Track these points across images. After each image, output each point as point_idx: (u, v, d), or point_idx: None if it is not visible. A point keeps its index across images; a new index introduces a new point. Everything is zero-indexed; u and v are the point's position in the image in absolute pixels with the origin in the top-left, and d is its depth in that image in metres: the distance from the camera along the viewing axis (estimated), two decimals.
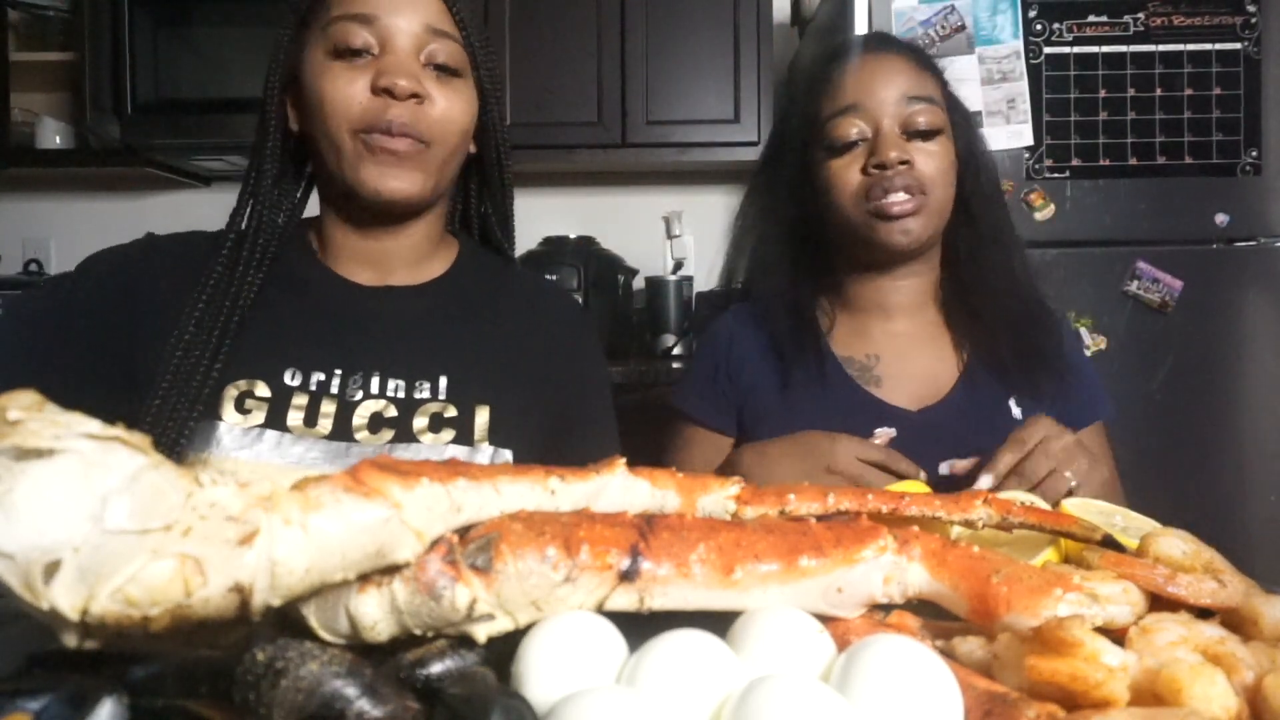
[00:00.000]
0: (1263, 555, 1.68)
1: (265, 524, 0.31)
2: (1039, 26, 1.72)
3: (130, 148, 2.23)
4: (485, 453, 0.84)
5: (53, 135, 2.39)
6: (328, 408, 0.82)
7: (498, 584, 0.35)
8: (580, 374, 0.97)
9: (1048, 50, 1.72)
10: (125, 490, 0.29)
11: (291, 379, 0.82)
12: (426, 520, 0.35)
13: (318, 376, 0.83)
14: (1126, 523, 0.55)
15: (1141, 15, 1.71)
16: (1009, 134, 1.72)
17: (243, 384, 0.81)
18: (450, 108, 0.83)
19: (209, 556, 0.30)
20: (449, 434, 0.84)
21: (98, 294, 0.86)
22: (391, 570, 0.34)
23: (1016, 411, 0.97)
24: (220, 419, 0.79)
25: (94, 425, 0.29)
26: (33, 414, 0.28)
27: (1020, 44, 1.72)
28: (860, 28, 1.72)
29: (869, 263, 1.03)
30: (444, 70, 0.84)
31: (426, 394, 0.85)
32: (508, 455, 0.86)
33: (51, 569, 0.28)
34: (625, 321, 2.36)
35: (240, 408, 0.80)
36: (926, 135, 0.96)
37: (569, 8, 2.21)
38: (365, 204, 0.84)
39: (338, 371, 0.83)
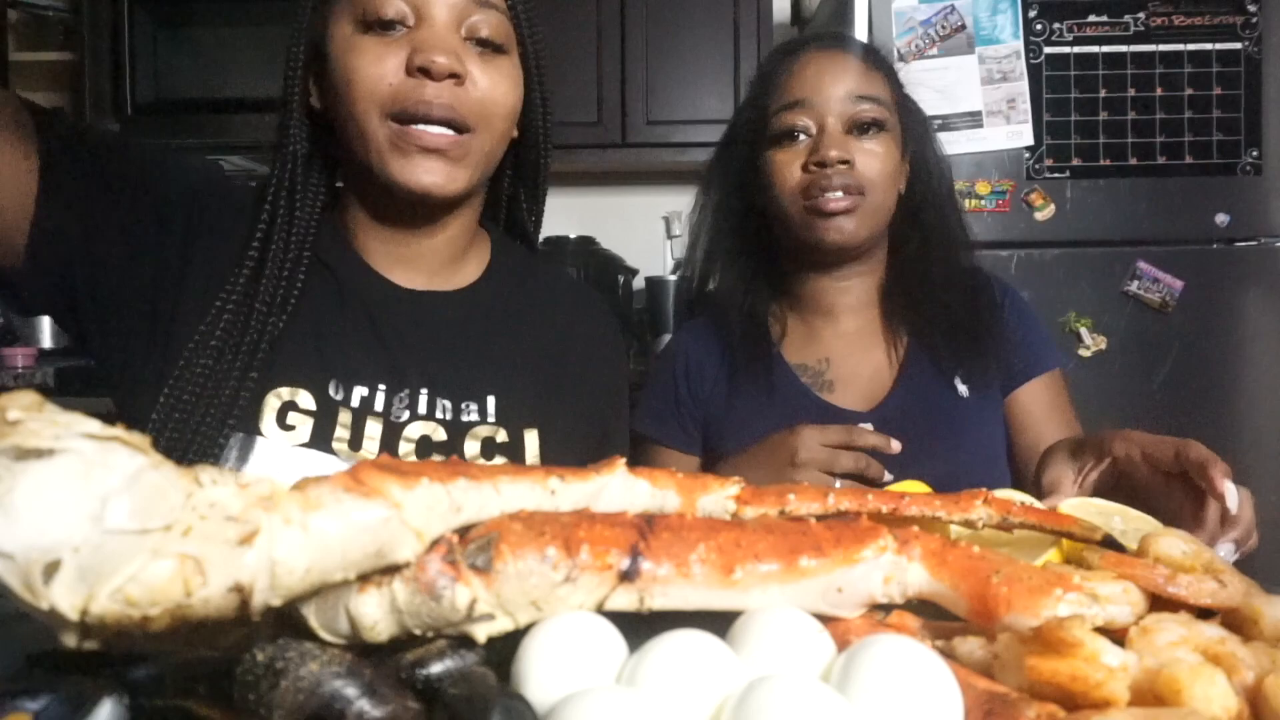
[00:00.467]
0: (1263, 555, 1.68)
1: (265, 524, 0.31)
2: (1039, 26, 1.72)
3: None
4: None
5: None
6: (373, 429, 0.75)
7: (498, 584, 0.35)
8: (614, 391, 0.95)
9: (1048, 50, 1.72)
10: (125, 490, 0.29)
11: (335, 392, 0.75)
12: (426, 520, 0.35)
13: (360, 391, 0.76)
14: (1125, 525, 0.55)
15: (1141, 15, 1.71)
16: (1009, 134, 1.72)
17: (285, 392, 0.73)
18: (494, 89, 0.74)
19: (209, 556, 0.30)
20: (501, 461, 0.79)
21: (171, 192, 0.77)
22: (391, 570, 0.34)
23: (963, 389, 0.99)
24: (260, 434, 0.72)
25: (94, 425, 0.29)
26: (33, 414, 0.28)
27: (1020, 44, 1.72)
28: (860, 27, 1.72)
29: (813, 262, 1.03)
30: (487, 46, 0.75)
31: (475, 416, 0.79)
32: None
33: (51, 569, 0.28)
34: (625, 321, 2.37)
35: (282, 422, 0.73)
36: (870, 134, 0.97)
37: (569, 8, 2.21)
38: (397, 198, 0.76)
39: (381, 387, 0.76)
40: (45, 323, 2.30)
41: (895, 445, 0.83)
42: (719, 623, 0.37)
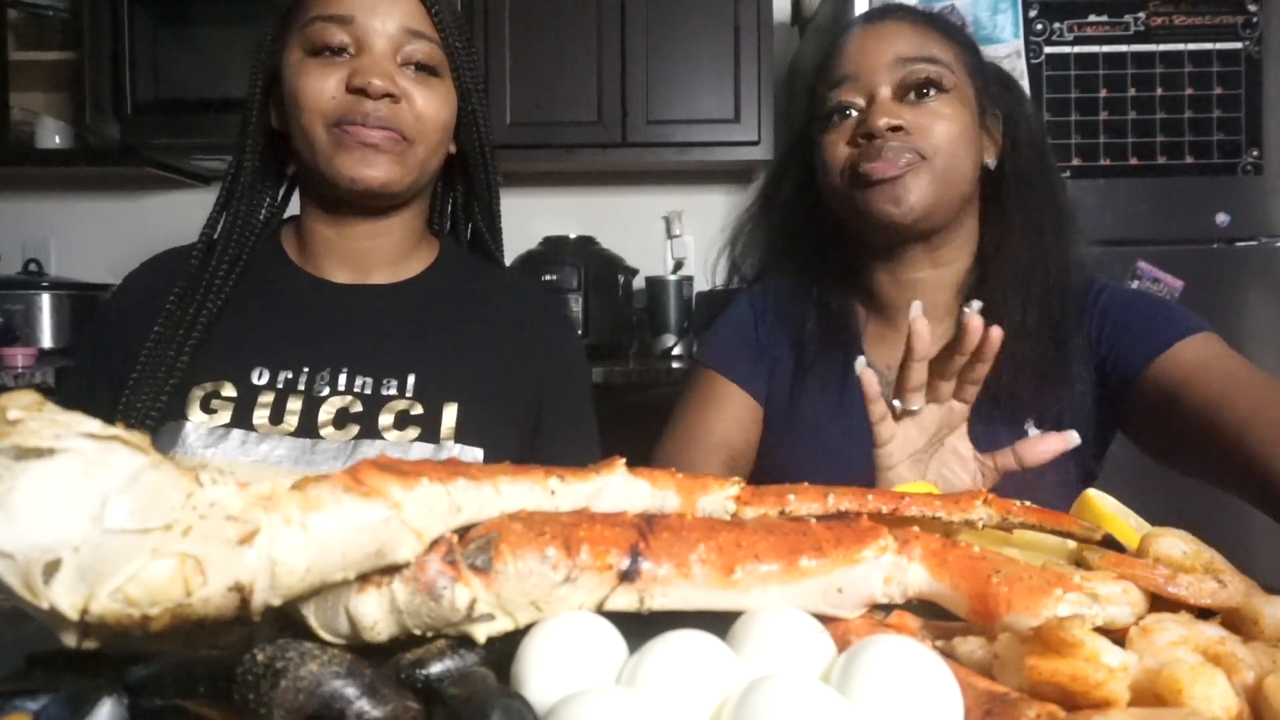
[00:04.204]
0: (1263, 555, 1.68)
1: (265, 523, 0.31)
2: (1039, 26, 1.72)
3: (130, 148, 2.23)
4: (451, 451, 0.84)
5: (52, 135, 2.39)
6: (294, 404, 0.82)
7: (497, 584, 0.35)
8: (561, 374, 0.96)
9: (1048, 50, 1.72)
10: (125, 490, 0.29)
11: (259, 378, 0.84)
12: (426, 520, 0.35)
13: (285, 374, 0.84)
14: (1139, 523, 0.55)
15: (1142, 15, 1.71)
16: None
17: (209, 385, 0.82)
18: (427, 106, 0.84)
19: (209, 556, 0.30)
20: (414, 431, 0.84)
21: (117, 320, 0.90)
22: (391, 570, 0.34)
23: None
24: (186, 419, 0.81)
25: (94, 425, 0.29)
26: (32, 413, 0.28)
27: (1021, 43, 1.72)
28: None
29: (881, 247, 0.90)
30: (422, 69, 0.85)
31: (394, 390, 0.85)
32: (478, 454, 0.85)
33: (51, 568, 0.28)
34: (625, 321, 2.36)
35: (206, 408, 0.81)
36: (930, 95, 0.85)
37: (569, 8, 2.22)
38: (342, 195, 0.85)
39: (305, 369, 0.84)
40: (45, 322, 2.30)
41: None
42: (719, 623, 0.37)
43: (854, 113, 0.87)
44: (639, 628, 0.35)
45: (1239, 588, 0.42)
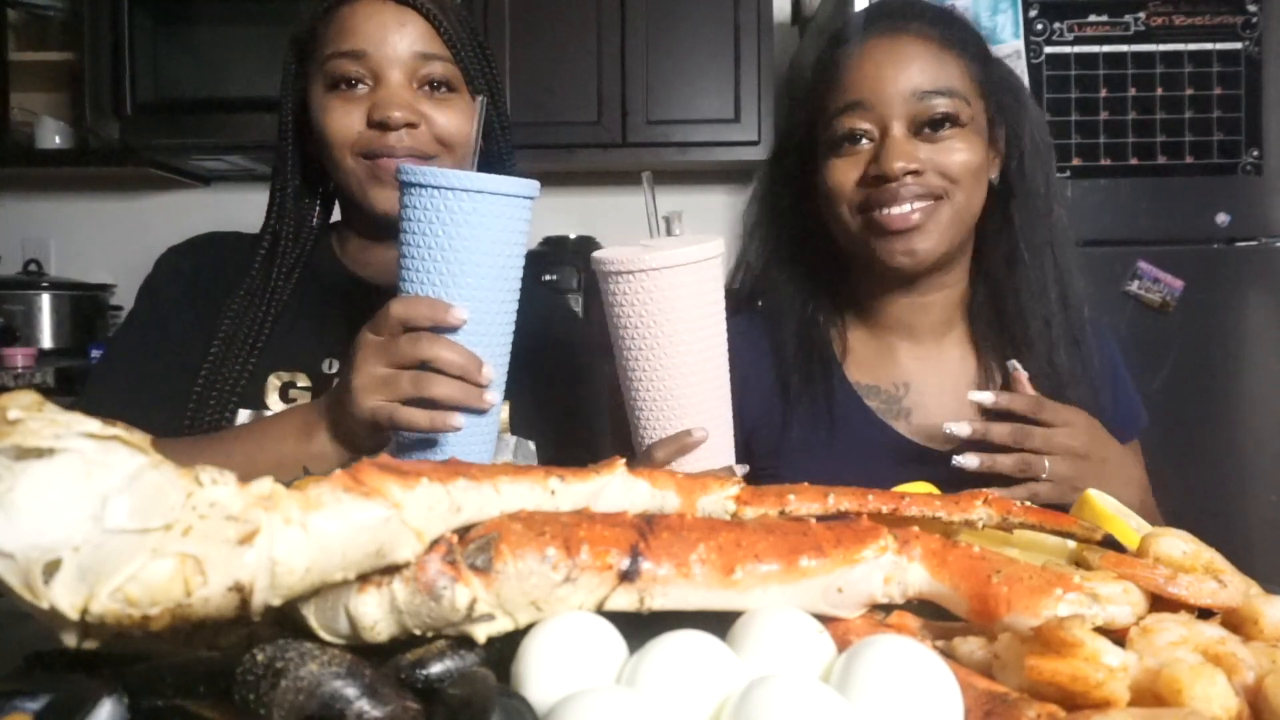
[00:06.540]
0: (1263, 555, 1.68)
1: (265, 523, 0.31)
2: (1039, 26, 1.72)
3: (130, 148, 2.23)
4: (509, 443, 0.88)
5: (52, 135, 2.39)
6: None
7: (497, 584, 0.35)
8: (573, 368, 1.01)
9: (1048, 50, 1.72)
10: (125, 489, 0.29)
11: (329, 368, 0.87)
12: (426, 520, 0.35)
13: None
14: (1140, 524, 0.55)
15: (1142, 15, 1.71)
16: None
17: (284, 375, 0.87)
18: (449, 123, 0.87)
19: (209, 556, 0.30)
20: None
21: (175, 295, 0.92)
22: (391, 570, 0.34)
23: None
24: (266, 407, 0.84)
25: (94, 424, 0.29)
26: (33, 413, 0.28)
27: (1021, 43, 1.72)
28: None
29: (887, 278, 0.89)
30: (439, 88, 0.87)
31: None
32: (531, 446, 0.90)
33: (51, 568, 0.28)
34: None
35: (285, 397, 0.86)
36: (945, 129, 0.83)
37: (569, 8, 2.21)
38: (379, 221, 0.89)
39: None
40: (45, 322, 2.30)
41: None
42: (719, 623, 0.37)
43: (866, 142, 0.85)
44: (639, 628, 0.35)
45: (1239, 588, 0.42)
